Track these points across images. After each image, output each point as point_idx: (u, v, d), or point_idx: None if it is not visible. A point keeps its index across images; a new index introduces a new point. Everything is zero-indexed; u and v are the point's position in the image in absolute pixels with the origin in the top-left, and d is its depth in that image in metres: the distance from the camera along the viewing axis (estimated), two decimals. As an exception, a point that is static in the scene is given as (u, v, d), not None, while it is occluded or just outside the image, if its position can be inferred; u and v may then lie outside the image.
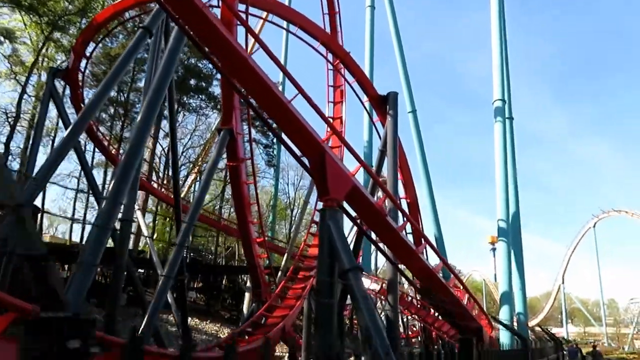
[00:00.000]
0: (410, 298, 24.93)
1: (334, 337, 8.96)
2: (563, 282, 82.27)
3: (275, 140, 40.67)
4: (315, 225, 23.99)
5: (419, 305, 25.81)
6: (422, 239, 15.91)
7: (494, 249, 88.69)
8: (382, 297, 26.59)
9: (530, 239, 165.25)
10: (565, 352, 29.78)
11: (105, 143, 30.97)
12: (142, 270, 34.62)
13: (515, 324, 31.60)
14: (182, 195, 46.12)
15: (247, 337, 15.42)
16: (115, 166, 24.33)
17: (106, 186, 30.17)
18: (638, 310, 75.37)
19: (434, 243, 33.54)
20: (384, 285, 25.56)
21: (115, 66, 13.02)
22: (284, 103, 9.34)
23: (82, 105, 18.27)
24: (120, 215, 13.92)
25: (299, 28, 20.48)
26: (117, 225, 12.72)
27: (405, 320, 39.14)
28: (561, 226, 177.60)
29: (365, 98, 23.82)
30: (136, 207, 31.95)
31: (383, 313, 21.91)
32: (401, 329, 42.05)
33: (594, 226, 73.69)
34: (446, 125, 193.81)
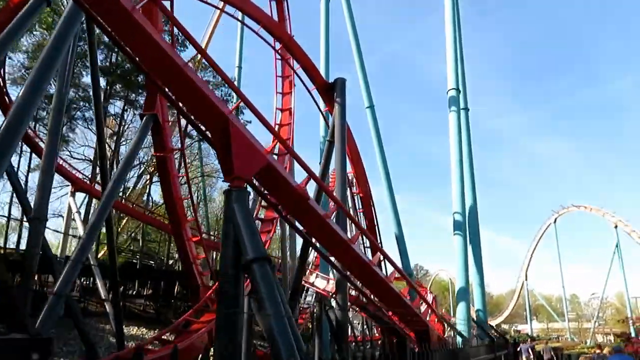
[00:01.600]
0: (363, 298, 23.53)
1: (239, 343, 7.48)
2: (526, 279, 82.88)
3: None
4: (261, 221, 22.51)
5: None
6: (363, 234, 14.53)
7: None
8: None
9: (495, 237, 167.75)
10: (519, 350, 29.42)
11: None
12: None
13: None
14: (135, 200, 44.07)
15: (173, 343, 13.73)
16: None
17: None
18: (598, 305, 76.42)
19: (395, 242, 32.62)
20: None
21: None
22: (177, 65, 7.82)
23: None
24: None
25: (237, 9, 19.03)
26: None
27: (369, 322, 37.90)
28: (524, 224, 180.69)
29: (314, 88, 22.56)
30: (75, 210, 30.10)
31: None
32: (361, 331, 40.92)
33: (555, 222, 74.40)
34: (417, 126, 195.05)
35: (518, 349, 29.56)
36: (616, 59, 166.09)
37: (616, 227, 65.33)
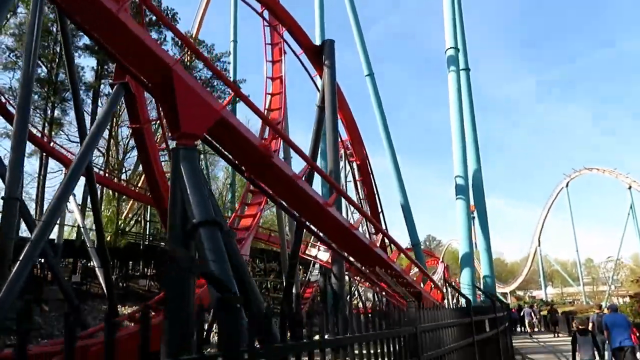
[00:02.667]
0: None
1: (190, 310, 6.71)
2: (539, 245, 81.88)
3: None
4: (251, 194, 21.74)
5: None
6: (343, 198, 13.64)
7: (473, 217, 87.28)
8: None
9: (510, 205, 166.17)
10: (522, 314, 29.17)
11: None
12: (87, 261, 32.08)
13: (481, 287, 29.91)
14: (136, 181, 43.48)
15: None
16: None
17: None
18: (613, 268, 75.27)
19: (401, 211, 31.74)
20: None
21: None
22: (113, 14, 6.89)
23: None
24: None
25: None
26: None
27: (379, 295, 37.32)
28: (539, 191, 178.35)
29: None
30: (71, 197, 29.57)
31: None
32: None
33: (567, 186, 72.84)
34: (429, 99, 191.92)
35: (522, 313, 29.48)
36: (631, 18, 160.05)
37: (630, 188, 63.70)
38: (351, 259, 11.49)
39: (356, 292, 39.27)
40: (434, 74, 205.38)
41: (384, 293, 23.31)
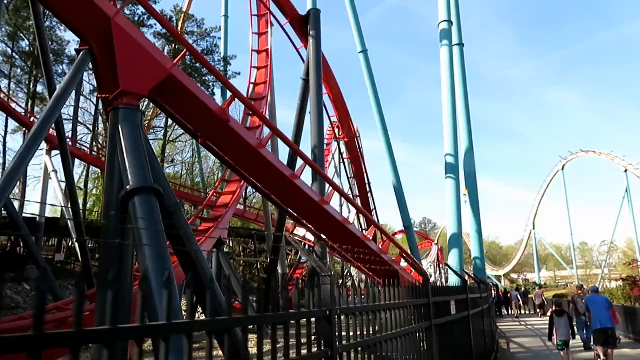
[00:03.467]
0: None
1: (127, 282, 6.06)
2: (534, 228, 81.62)
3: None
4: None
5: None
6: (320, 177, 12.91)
7: (466, 201, 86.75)
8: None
9: (507, 188, 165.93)
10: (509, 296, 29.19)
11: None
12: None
13: (471, 269, 29.49)
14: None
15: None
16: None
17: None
18: (607, 252, 75.19)
19: (392, 191, 31.08)
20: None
21: None
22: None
23: None
24: None
25: None
26: None
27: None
28: (537, 174, 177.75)
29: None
30: (51, 169, 28.85)
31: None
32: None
33: (563, 168, 72.22)
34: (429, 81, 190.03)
35: (509, 295, 29.55)
36: (632, 0, 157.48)
37: (626, 171, 63.14)
38: (325, 237, 10.79)
39: (348, 273, 38.85)
40: (434, 54, 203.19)
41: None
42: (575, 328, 11.51)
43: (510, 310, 29.28)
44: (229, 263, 16.68)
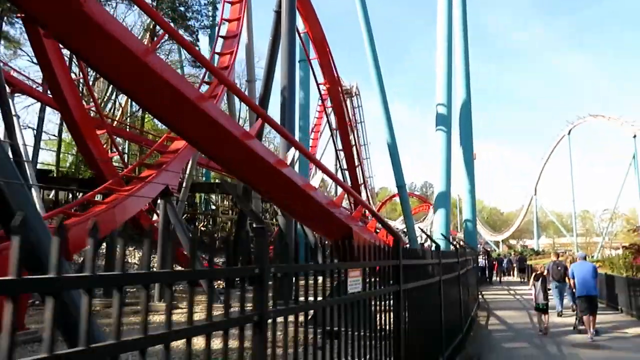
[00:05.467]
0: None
1: None
2: (535, 194, 79.57)
3: None
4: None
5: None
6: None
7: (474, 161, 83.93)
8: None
9: (513, 155, 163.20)
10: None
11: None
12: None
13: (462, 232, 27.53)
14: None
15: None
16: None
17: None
18: (609, 218, 73.10)
19: (386, 150, 28.66)
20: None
21: None
22: None
23: None
24: None
25: None
26: None
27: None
28: (541, 141, 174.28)
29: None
30: (13, 112, 26.65)
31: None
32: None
33: (569, 133, 69.39)
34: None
35: (494, 262, 28.50)
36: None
37: (635, 137, 60.35)
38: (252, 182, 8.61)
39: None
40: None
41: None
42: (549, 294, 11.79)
43: (495, 277, 28.81)
44: (176, 213, 14.67)
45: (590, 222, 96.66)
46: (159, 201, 15.09)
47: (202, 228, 38.30)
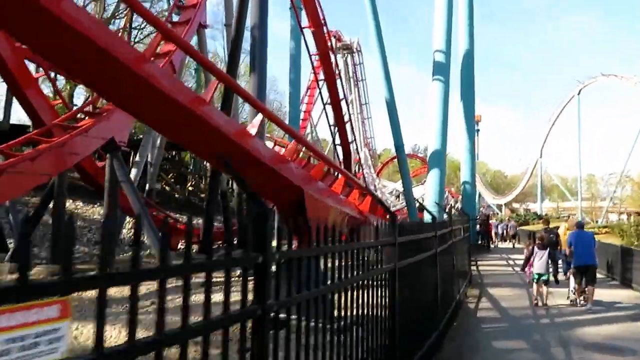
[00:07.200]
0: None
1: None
2: (541, 157, 77.12)
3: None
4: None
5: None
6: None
7: (478, 130, 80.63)
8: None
9: (521, 119, 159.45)
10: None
11: None
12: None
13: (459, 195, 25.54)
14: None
15: None
16: None
17: None
18: (615, 184, 70.79)
19: (385, 108, 26.26)
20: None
21: None
22: None
23: None
24: None
25: None
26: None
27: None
28: (552, 106, 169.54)
29: None
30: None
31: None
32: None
33: (579, 93, 66.30)
34: None
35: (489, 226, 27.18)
36: None
37: (649, 97, 57.40)
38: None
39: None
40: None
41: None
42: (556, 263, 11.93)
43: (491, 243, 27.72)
44: (124, 170, 12.67)
45: (595, 187, 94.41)
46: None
47: (191, 188, 36.68)
